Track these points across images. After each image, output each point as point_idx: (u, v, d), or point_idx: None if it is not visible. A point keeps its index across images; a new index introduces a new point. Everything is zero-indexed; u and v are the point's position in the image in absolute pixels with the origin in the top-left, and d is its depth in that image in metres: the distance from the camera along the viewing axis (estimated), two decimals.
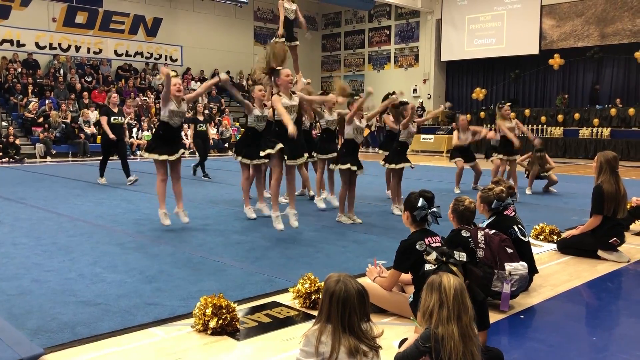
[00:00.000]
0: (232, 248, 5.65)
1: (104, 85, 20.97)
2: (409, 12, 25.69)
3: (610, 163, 5.37)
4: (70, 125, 18.15)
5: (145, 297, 4.04)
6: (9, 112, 18.53)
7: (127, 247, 5.63)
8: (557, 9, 21.31)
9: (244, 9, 24.63)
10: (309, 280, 3.93)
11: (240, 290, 4.22)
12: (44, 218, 7.17)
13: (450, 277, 2.48)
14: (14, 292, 4.14)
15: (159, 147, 6.39)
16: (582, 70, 21.71)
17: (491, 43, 22.91)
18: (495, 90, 24.04)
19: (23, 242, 5.78)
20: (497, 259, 3.93)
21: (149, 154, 6.40)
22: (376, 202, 8.79)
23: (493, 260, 3.93)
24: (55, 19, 21.02)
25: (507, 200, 4.46)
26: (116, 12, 22.45)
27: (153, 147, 6.44)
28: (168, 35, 24.01)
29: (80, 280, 4.45)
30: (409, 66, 26.14)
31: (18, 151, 16.32)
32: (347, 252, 5.49)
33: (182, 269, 4.81)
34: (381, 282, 3.79)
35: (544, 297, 4.25)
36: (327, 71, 29.83)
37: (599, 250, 5.38)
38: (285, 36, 8.66)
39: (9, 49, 20.01)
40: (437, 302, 2.42)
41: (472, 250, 3.88)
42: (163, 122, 6.43)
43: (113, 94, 11.00)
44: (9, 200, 8.69)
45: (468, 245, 3.88)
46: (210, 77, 24.95)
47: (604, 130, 19.03)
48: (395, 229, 6.48)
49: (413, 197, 3.61)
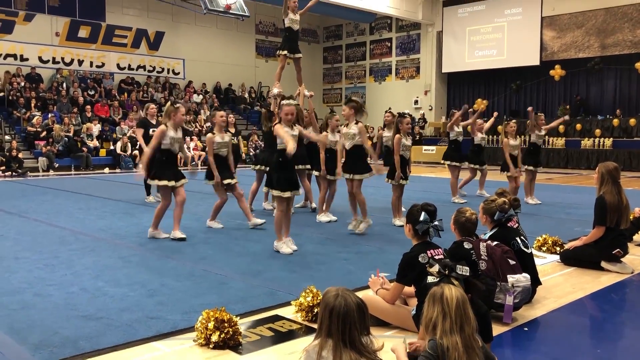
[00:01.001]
0: (234, 261, 5.64)
1: (106, 99, 21.07)
2: (410, 24, 25.82)
3: (611, 174, 5.36)
4: (73, 138, 18.21)
5: (147, 311, 4.04)
6: (12, 125, 18.61)
7: (129, 260, 5.63)
8: (558, 21, 21.40)
9: (245, 23, 24.76)
10: (311, 294, 3.91)
11: (243, 303, 4.20)
12: (46, 232, 7.17)
13: (452, 288, 2.48)
14: (16, 307, 4.13)
15: (164, 175, 6.62)
16: (583, 81, 21.74)
17: (492, 54, 22.99)
18: (497, 101, 24.07)
19: (25, 256, 5.78)
20: (500, 271, 3.92)
21: (158, 181, 6.63)
22: (378, 213, 8.78)
23: (495, 272, 3.92)
24: (59, 34, 21.17)
25: (510, 212, 4.45)
26: (119, 27, 22.60)
27: (158, 174, 6.63)
28: (170, 49, 24.15)
29: (82, 294, 4.44)
30: (410, 78, 26.22)
31: (21, 165, 16.37)
32: (349, 265, 5.48)
33: (184, 283, 4.80)
34: (384, 295, 3.78)
35: (548, 309, 4.23)
36: (329, 83, 29.94)
37: (602, 262, 5.35)
38: (289, 48, 8.65)
39: (12, 64, 20.14)
40: (440, 314, 2.42)
41: (474, 263, 3.87)
42: (165, 150, 6.60)
43: (151, 105, 10.10)
44: (11, 214, 8.70)
45: (470, 257, 3.86)
46: (212, 90, 25.10)
47: (606, 141, 19.03)
48: (398, 240, 6.47)
49: (415, 210, 3.60)
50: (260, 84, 26.84)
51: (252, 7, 23.61)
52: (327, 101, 29.94)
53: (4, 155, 16.30)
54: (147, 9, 23.28)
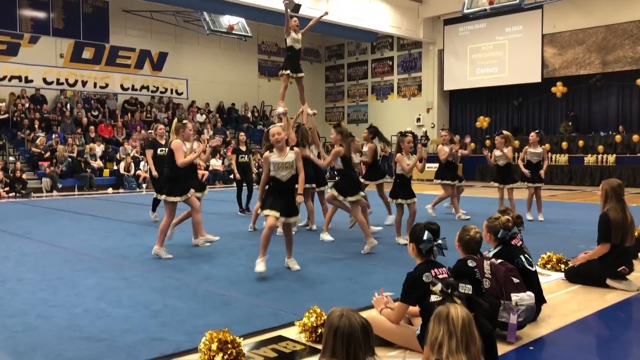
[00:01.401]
0: (237, 281, 5.62)
1: (110, 119, 21.20)
2: (411, 43, 26.00)
3: (615, 190, 5.34)
4: (77, 159, 18.29)
5: (150, 332, 4.02)
6: (17, 147, 18.71)
7: (132, 281, 5.61)
8: (558, 38, 21.53)
9: (248, 43, 24.98)
10: (315, 314, 3.89)
11: (246, 324, 4.18)
12: (49, 252, 7.17)
13: (458, 308, 2.46)
14: (19, 329, 4.12)
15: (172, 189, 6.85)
16: (585, 98, 21.79)
17: (494, 72, 23.09)
18: (499, 118, 24.14)
19: (28, 277, 5.77)
20: (504, 289, 3.90)
21: (166, 197, 6.84)
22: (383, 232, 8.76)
23: (499, 290, 3.89)
24: (63, 55, 21.37)
25: (514, 230, 4.44)
26: (122, 47, 22.81)
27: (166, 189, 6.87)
28: (174, 69, 24.35)
29: (85, 316, 4.42)
30: (412, 96, 26.33)
31: (25, 186, 16.42)
32: (353, 284, 5.45)
33: (187, 303, 4.79)
34: (388, 315, 3.75)
35: (553, 327, 4.19)
36: (331, 102, 30.08)
37: (607, 279, 5.31)
38: (292, 67, 8.71)
39: (17, 85, 20.31)
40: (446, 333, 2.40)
41: (478, 281, 3.85)
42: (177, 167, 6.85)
43: (160, 125, 10.06)
44: (15, 235, 8.71)
45: (474, 275, 3.85)
46: (215, 110, 25.24)
47: (609, 157, 19.01)
48: (402, 259, 6.44)
49: (418, 229, 3.60)
50: (263, 103, 26.99)
51: (255, 28, 23.84)
52: (329, 120, 30.05)
53: (8, 176, 16.36)
54: (151, 30, 23.52)
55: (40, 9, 20.80)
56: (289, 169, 5.77)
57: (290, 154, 5.79)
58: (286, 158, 5.75)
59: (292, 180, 5.83)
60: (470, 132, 24.35)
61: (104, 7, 22.26)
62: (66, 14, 21.37)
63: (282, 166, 5.75)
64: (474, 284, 3.82)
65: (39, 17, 20.79)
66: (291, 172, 5.80)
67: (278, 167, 5.74)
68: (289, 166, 5.76)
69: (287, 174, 5.78)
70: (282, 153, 5.78)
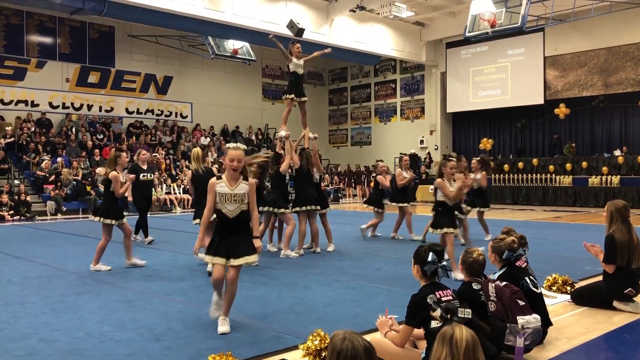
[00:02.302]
0: (240, 304, 5.57)
1: (115, 142, 21.31)
2: (414, 66, 26.20)
3: (620, 212, 5.32)
4: (81, 182, 18.35)
5: (153, 356, 3.99)
6: (22, 170, 18.80)
7: (135, 304, 5.59)
8: (560, 60, 21.66)
9: (252, 67, 25.22)
10: (318, 337, 3.86)
11: (250, 348, 4.15)
12: (53, 276, 7.16)
13: (463, 329, 2.43)
14: (22, 353, 4.10)
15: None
16: (588, 119, 21.85)
17: (496, 94, 23.21)
18: (503, 140, 24.19)
19: (32, 301, 5.75)
20: (509, 312, 3.86)
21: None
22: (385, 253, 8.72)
23: (505, 313, 3.85)
24: (69, 79, 21.60)
25: (519, 251, 4.41)
26: (128, 72, 23.06)
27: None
28: (178, 93, 24.56)
29: (88, 340, 4.40)
30: (415, 118, 26.44)
31: (29, 209, 16.46)
32: (357, 307, 5.41)
33: (190, 327, 4.76)
34: (393, 338, 3.72)
35: (560, 350, 4.14)
36: (335, 124, 30.22)
37: (614, 302, 5.26)
38: (295, 92, 8.84)
39: (23, 109, 20.50)
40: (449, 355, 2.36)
41: (483, 304, 3.82)
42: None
43: (143, 150, 10.64)
44: (19, 258, 8.70)
45: (479, 298, 3.82)
46: (220, 132, 25.36)
47: (614, 179, 18.97)
48: (406, 281, 6.40)
49: (422, 251, 3.59)
50: (267, 126, 27.13)
51: (259, 52, 24.08)
52: (333, 142, 30.17)
53: (13, 199, 16.42)
54: (156, 54, 23.78)
55: (47, 34, 21.10)
56: (236, 203, 4.68)
57: (242, 185, 4.72)
58: (236, 189, 4.69)
59: (242, 217, 4.74)
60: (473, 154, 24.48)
61: (110, 32, 22.55)
62: (72, 39, 21.65)
63: (228, 198, 4.68)
64: (479, 306, 3.79)
65: (46, 42, 21.07)
66: (240, 208, 4.70)
67: (225, 199, 4.69)
68: (237, 199, 4.68)
69: (235, 208, 4.69)
70: (234, 182, 4.71)
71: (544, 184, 20.48)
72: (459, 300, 3.69)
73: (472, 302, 3.80)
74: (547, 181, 20.39)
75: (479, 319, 3.57)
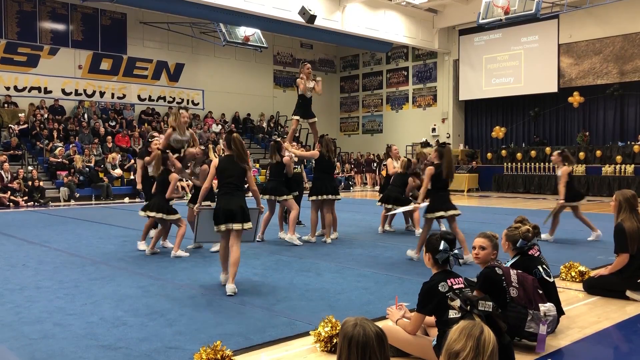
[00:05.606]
0: (252, 290, 5.62)
1: (127, 129, 21.42)
2: (426, 53, 26.00)
3: (629, 201, 5.29)
4: (94, 168, 18.48)
5: (166, 341, 4.03)
6: (35, 156, 18.96)
7: (148, 289, 5.64)
8: (575, 48, 21.39)
9: (263, 54, 25.14)
10: (329, 324, 3.88)
11: (261, 333, 4.18)
12: (66, 261, 7.24)
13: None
14: (37, 336, 4.16)
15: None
16: (602, 108, 21.60)
17: (509, 82, 22.99)
18: (515, 128, 24.00)
19: (46, 286, 5.83)
20: (533, 299, 3.86)
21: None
22: (395, 242, 8.73)
23: (527, 300, 3.84)
24: (81, 66, 21.68)
25: (533, 240, 4.40)
26: (140, 59, 23.10)
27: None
28: (190, 80, 24.58)
29: (101, 324, 4.45)
30: (427, 106, 26.29)
31: (43, 195, 16.61)
32: (368, 294, 5.43)
33: (203, 312, 4.80)
34: (405, 326, 3.72)
35: (572, 339, 4.14)
36: (346, 112, 30.14)
37: (627, 291, 5.23)
38: (302, 114, 8.95)
39: (36, 96, 20.63)
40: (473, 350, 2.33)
41: (504, 289, 3.81)
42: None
43: (155, 139, 9.76)
44: (33, 243, 8.80)
45: (501, 284, 3.82)
46: (231, 120, 25.39)
47: (628, 167, 18.78)
48: (417, 269, 6.41)
49: (434, 239, 3.58)
50: (278, 113, 27.11)
51: (270, 39, 24.01)
52: (344, 130, 30.10)
53: (27, 185, 16.58)
54: (168, 41, 23.78)
55: (60, 21, 21.15)
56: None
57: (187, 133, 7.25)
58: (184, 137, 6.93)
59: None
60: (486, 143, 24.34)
61: (122, 19, 22.57)
62: (85, 26, 21.71)
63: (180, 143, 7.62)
64: (499, 291, 3.80)
65: (59, 29, 21.13)
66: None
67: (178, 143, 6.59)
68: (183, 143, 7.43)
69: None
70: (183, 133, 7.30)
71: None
72: (480, 283, 3.69)
73: (493, 287, 3.80)
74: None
75: (498, 305, 3.53)
